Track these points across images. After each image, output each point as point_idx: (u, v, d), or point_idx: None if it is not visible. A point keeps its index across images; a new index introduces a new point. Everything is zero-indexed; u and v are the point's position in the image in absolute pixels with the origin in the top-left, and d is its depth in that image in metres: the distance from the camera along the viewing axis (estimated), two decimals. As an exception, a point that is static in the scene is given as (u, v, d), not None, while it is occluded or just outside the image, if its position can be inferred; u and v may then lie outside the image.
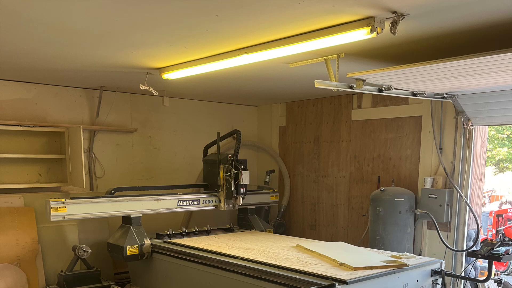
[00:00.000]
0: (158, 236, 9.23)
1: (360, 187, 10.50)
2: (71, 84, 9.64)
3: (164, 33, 5.88)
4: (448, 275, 7.33)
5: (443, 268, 7.12)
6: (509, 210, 13.38)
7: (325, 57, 6.81)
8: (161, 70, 7.94)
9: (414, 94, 7.63)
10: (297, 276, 6.42)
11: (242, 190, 9.54)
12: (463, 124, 8.78)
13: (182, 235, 9.38)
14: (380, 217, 9.07)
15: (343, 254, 7.26)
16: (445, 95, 8.01)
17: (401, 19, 5.05)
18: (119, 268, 10.04)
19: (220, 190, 9.69)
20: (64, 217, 8.16)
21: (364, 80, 6.57)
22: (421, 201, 9.22)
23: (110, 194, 8.94)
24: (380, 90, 7.06)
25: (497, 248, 6.87)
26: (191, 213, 11.07)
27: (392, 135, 9.94)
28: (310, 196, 11.51)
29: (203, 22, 5.42)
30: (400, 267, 6.65)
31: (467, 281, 8.74)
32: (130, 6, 4.89)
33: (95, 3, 4.83)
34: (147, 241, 8.86)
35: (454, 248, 8.84)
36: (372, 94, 8.32)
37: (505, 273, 10.18)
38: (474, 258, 7.61)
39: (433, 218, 8.67)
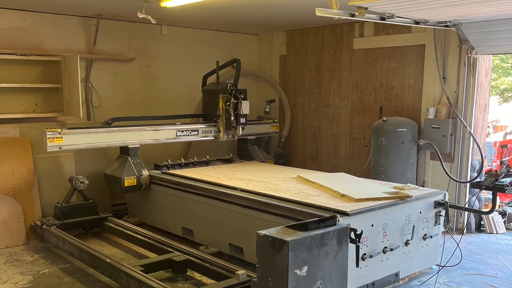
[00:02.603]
0: (156, 167, 9.15)
1: (362, 117, 10.36)
2: (68, 12, 9.38)
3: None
4: (451, 206, 7.26)
5: (446, 200, 7.03)
6: (513, 140, 13.30)
7: (327, -17, 6.56)
8: (159, -3, 7.71)
9: (417, 23, 7.44)
10: (298, 208, 6.36)
11: (242, 120, 9.43)
12: (467, 53, 8.62)
13: (180, 166, 9.31)
14: (383, 147, 8.97)
15: (345, 185, 7.17)
16: (448, 24, 7.83)
17: None
18: (117, 200, 10.03)
19: (219, 120, 9.56)
20: (60, 148, 8.09)
21: (366, 8, 6.36)
22: (424, 131, 9.13)
23: (107, 124, 8.82)
24: (383, 19, 6.86)
25: (501, 179, 6.77)
26: (190, 143, 10.96)
27: (395, 64, 9.75)
28: (311, 126, 11.39)
29: None
30: (402, 198, 6.57)
31: (471, 213, 8.74)
32: None
33: None
34: (145, 172, 8.79)
35: (457, 179, 8.77)
36: (374, 22, 8.11)
37: (510, 205, 10.10)
38: (478, 190, 7.51)
39: (436, 148, 8.60)
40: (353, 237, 5.15)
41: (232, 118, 9.33)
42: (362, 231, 5.27)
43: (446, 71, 8.98)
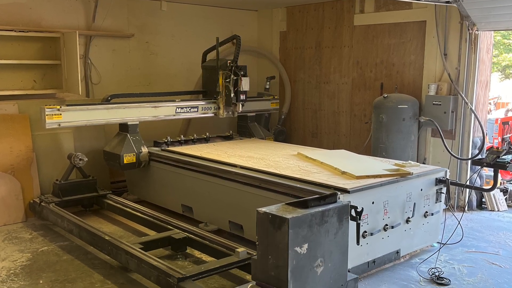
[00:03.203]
0: (156, 144, 9.11)
1: (363, 94, 10.29)
2: (66, -13, 9.29)
3: None
4: (452, 184, 7.20)
5: (447, 177, 7.00)
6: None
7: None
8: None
9: (417, -2, 7.36)
10: (298, 185, 6.33)
11: (242, 96, 9.37)
12: (468, 29, 8.54)
13: (180, 143, 9.26)
14: (383, 124, 8.92)
15: (345, 163, 7.13)
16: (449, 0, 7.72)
17: None
18: (116, 177, 9.99)
19: (219, 97, 9.51)
20: (59, 125, 8.05)
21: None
22: (425, 108, 9.08)
23: (106, 101, 8.78)
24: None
25: (503, 156, 6.73)
26: (189, 120, 10.90)
27: (396, 40, 9.67)
28: (312, 103, 11.33)
29: None
30: (403, 175, 6.53)
31: (472, 190, 8.71)
32: None
33: None
34: (145, 149, 8.76)
35: (459, 156, 8.73)
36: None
37: (511, 182, 10.06)
38: (479, 167, 7.48)
39: (437, 125, 8.54)
40: (354, 215, 5.11)
41: (232, 95, 9.28)
42: (362, 208, 5.23)
43: (447, 48, 8.90)
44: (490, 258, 6.87)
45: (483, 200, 9.08)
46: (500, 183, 9.38)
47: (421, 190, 6.72)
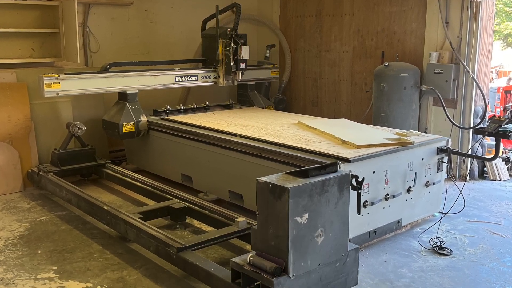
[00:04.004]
0: (155, 113, 9.04)
1: (364, 62, 10.20)
2: (64, -46, 9.14)
3: None
4: (454, 153, 7.18)
5: (449, 146, 6.94)
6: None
7: None
8: None
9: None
10: (298, 154, 6.29)
11: (242, 65, 9.28)
12: (470, -4, 8.44)
13: (179, 111, 9.20)
14: (384, 93, 8.86)
15: (346, 132, 7.07)
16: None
17: None
18: (115, 146, 9.95)
19: (219, 66, 9.43)
20: (57, 93, 8.01)
21: None
22: (426, 76, 9.01)
23: (105, 69, 8.68)
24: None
25: (505, 125, 6.70)
26: (189, 89, 10.83)
27: (397, 8, 9.56)
28: (312, 72, 11.24)
29: None
30: (404, 145, 6.47)
31: (474, 159, 8.67)
32: None
33: None
34: (144, 118, 8.70)
35: (460, 125, 8.68)
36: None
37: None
38: (481, 136, 7.40)
39: (439, 94, 8.49)
40: (355, 184, 5.07)
41: (232, 63, 9.19)
42: (363, 178, 5.18)
43: (449, 16, 8.80)
44: (492, 228, 6.85)
45: (485, 169, 9.04)
46: (502, 152, 9.36)
47: (423, 159, 6.67)
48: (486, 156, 8.77)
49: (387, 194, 6.27)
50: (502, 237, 6.56)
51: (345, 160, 5.81)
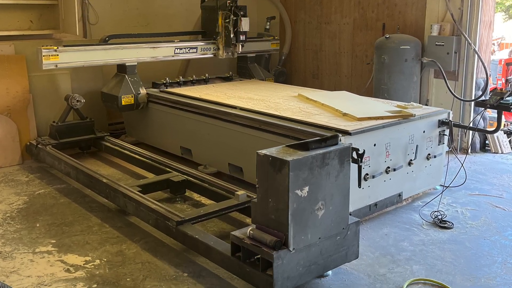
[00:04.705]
0: (154, 85, 8.98)
1: (364, 34, 10.11)
2: None
3: None
4: (455, 125, 7.15)
5: (450, 119, 6.89)
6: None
7: None
8: None
9: None
10: (299, 127, 6.25)
11: (242, 37, 9.22)
12: (471, -34, 8.33)
13: (179, 84, 9.14)
14: (385, 65, 8.79)
15: (347, 104, 7.02)
16: None
17: None
18: (114, 119, 9.90)
19: (218, 38, 9.38)
20: (56, 66, 7.98)
21: None
22: (427, 49, 8.91)
23: (104, 41, 8.65)
24: None
25: (506, 98, 6.63)
26: (188, 61, 10.75)
27: (398, -21, 9.46)
28: (312, 44, 11.15)
29: None
30: (406, 117, 6.42)
31: (476, 132, 8.61)
32: None
33: None
34: (143, 91, 8.65)
35: (462, 98, 8.62)
36: None
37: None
38: (482, 108, 7.36)
39: (440, 66, 8.43)
40: (355, 157, 5.04)
41: (232, 36, 9.14)
42: (364, 150, 5.15)
43: (451, -13, 8.71)
44: (493, 201, 6.81)
45: (487, 142, 8.99)
46: (504, 125, 9.31)
47: (424, 132, 6.62)
48: (487, 129, 8.72)
49: (388, 167, 6.23)
50: (504, 210, 6.53)
51: (346, 132, 5.77)
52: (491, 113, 9.06)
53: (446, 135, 6.87)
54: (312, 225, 4.41)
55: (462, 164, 6.95)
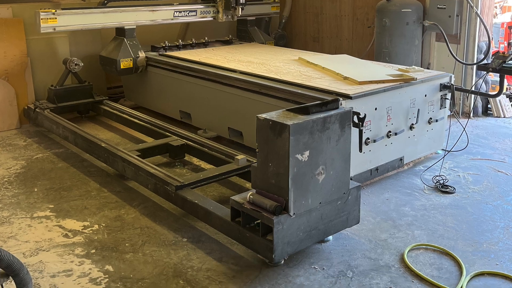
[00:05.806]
0: (153, 48, 8.90)
1: (366, -3, 10.00)
2: None
3: None
4: (457, 89, 7.07)
5: (452, 82, 6.81)
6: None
7: None
8: None
9: None
10: (299, 91, 6.18)
11: (241, 0, 9.11)
12: None
13: (178, 47, 9.05)
14: (387, 28, 8.69)
15: (348, 68, 6.94)
16: None
17: None
18: (112, 83, 9.84)
19: (218, 1, 9.28)
20: (54, 29, 7.90)
21: None
22: (429, 11, 8.81)
23: (102, 4, 8.55)
24: None
25: (509, 61, 6.54)
26: (188, 24, 10.63)
27: None
28: (313, 6, 11.01)
29: None
30: (407, 81, 6.34)
31: (478, 96, 8.55)
32: None
33: None
34: (142, 54, 8.57)
35: (464, 61, 8.52)
36: None
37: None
38: (485, 72, 7.31)
39: (442, 29, 8.33)
40: (356, 121, 5.00)
41: (231, -2, 9.03)
42: (365, 114, 5.10)
43: None
44: (496, 165, 6.76)
45: (489, 106, 8.93)
46: (506, 88, 9.24)
47: (425, 96, 6.55)
48: (490, 93, 8.63)
49: (389, 131, 6.17)
50: (506, 175, 6.48)
51: (347, 96, 5.70)
52: (493, 77, 8.99)
53: (448, 99, 6.80)
54: (313, 189, 4.38)
55: (464, 128, 6.89)
